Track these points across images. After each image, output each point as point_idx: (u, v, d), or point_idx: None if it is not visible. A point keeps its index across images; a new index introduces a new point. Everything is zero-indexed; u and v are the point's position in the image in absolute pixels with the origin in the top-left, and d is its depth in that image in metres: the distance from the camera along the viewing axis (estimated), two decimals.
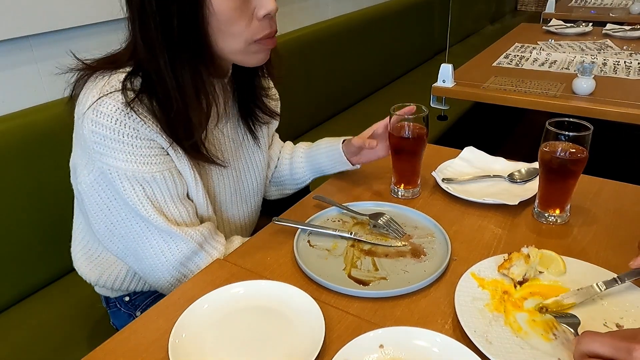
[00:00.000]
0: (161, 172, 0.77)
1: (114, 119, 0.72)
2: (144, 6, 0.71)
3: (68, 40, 1.33)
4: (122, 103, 0.72)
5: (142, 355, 0.64)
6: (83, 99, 0.75)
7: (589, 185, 0.99)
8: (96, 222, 0.80)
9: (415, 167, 0.98)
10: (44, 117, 1.21)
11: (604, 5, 3.33)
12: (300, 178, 1.09)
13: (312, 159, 1.06)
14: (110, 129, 0.72)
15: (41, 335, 1.11)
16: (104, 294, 1.00)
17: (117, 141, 0.73)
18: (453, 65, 1.76)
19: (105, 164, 0.74)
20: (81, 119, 0.74)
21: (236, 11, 0.72)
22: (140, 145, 0.75)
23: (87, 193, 0.78)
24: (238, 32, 0.74)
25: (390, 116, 0.94)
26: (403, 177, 0.99)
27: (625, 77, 1.75)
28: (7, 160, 1.14)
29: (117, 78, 0.74)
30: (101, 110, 0.72)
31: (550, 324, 0.66)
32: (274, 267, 0.80)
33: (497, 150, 1.14)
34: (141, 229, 0.79)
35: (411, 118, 0.93)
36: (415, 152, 0.96)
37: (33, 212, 1.19)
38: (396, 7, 2.83)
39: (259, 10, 0.74)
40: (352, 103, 2.47)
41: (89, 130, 0.73)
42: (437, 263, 0.79)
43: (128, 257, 0.84)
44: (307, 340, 0.64)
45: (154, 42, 0.72)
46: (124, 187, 0.75)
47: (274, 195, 1.14)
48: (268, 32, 0.77)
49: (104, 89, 0.73)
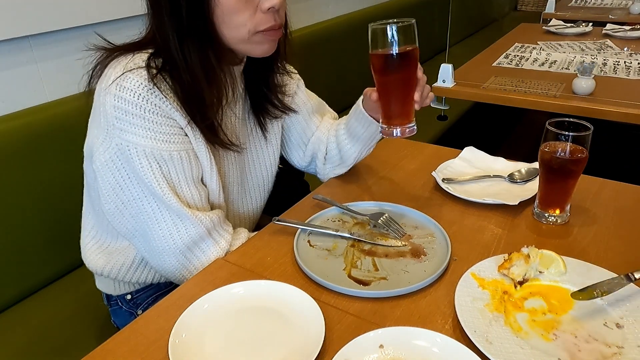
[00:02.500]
0: (179, 151, 0.79)
1: (136, 94, 0.74)
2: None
3: (68, 40, 1.32)
4: (145, 79, 0.75)
5: (142, 355, 0.65)
6: (106, 76, 0.77)
7: (589, 185, 0.99)
8: (107, 201, 0.81)
9: (409, 94, 0.81)
10: (44, 117, 1.21)
11: (604, 5, 3.33)
12: (351, 155, 1.03)
13: (353, 134, 1.01)
14: (132, 104, 0.74)
15: (41, 335, 1.11)
16: (105, 290, 1.00)
17: (138, 117, 0.75)
18: (453, 65, 1.76)
19: (125, 140, 0.76)
20: (103, 95, 0.76)
21: (240, 2, 0.75)
22: (160, 123, 0.77)
23: (101, 171, 0.79)
24: (241, 22, 0.77)
25: (370, 33, 0.78)
26: (394, 110, 0.82)
27: (625, 77, 1.75)
28: (7, 160, 1.14)
29: (141, 57, 0.78)
30: (125, 85, 0.74)
31: (551, 324, 0.66)
32: (274, 267, 0.80)
33: (497, 150, 1.14)
34: (152, 209, 0.80)
35: (396, 28, 0.76)
36: (407, 74, 0.80)
37: (33, 212, 1.19)
38: (396, 7, 2.83)
39: (263, 3, 0.77)
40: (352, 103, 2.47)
41: (111, 105, 0.75)
42: (437, 263, 0.79)
43: (136, 237, 0.84)
44: (307, 340, 0.64)
45: (165, 24, 0.76)
46: (141, 164, 0.77)
47: (331, 174, 1.08)
48: (272, 24, 0.79)
49: (127, 66, 0.76)
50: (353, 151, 1.02)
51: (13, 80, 1.24)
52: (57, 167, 1.22)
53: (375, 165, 1.07)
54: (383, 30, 0.77)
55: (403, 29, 0.76)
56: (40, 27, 1.25)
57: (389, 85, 0.82)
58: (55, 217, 1.23)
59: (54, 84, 1.32)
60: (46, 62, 1.29)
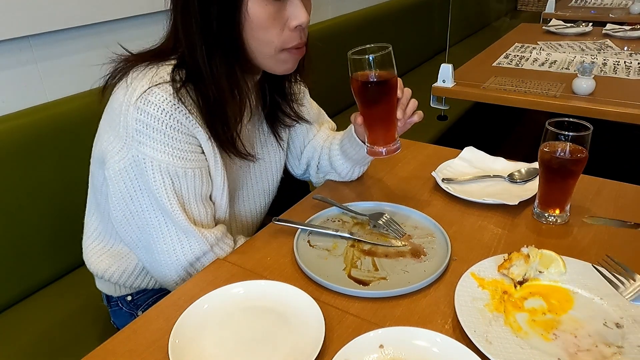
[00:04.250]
0: (193, 169, 0.80)
1: (160, 108, 0.75)
2: (187, 6, 0.75)
3: (68, 40, 1.33)
4: (170, 94, 0.75)
5: (142, 355, 0.65)
6: (130, 88, 0.77)
7: (589, 185, 0.99)
8: (115, 209, 0.82)
9: (390, 117, 0.84)
10: (44, 117, 1.21)
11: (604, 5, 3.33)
12: (343, 169, 1.04)
13: (345, 154, 1.01)
14: (155, 119, 0.75)
15: (41, 335, 1.11)
16: (106, 291, 1.00)
17: (159, 131, 0.76)
18: (453, 65, 1.76)
19: (142, 152, 0.76)
20: (126, 106, 0.76)
21: (269, 20, 0.76)
22: (180, 140, 0.77)
23: (113, 179, 0.79)
24: (269, 39, 0.77)
25: (349, 61, 0.80)
26: (377, 132, 0.85)
27: (625, 77, 1.75)
28: (7, 160, 1.14)
29: (165, 70, 0.77)
30: (150, 99, 0.75)
31: (550, 324, 0.66)
32: (274, 267, 0.80)
33: (497, 150, 1.14)
34: (159, 222, 0.80)
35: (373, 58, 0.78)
36: (386, 101, 0.82)
37: (33, 212, 1.19)
38: (396, 7, 2.83)
39: (291, 21, 0.77)
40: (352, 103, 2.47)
41: (133, 118, 0.75)
42: (437, 263, 0.79)
43: (139, 248, 0.85)
44: (307, 340, 0.64)
45: (194, 39, 0.76)
46: (154, 178, 0.77)
47: (322, 180, 1.10)
48: (298, 42, 0.80)
49: (153, 80, 0.76)
50: (346, 166, 1.03)
51: (13, 80, 1.24)
52: (57, 167, 1.22)
53: (375, 165, 1.07)
54: (361, 60, 0.79)
55: (380, 57, 0.78)
56: (40, 27, 1.25)
57: (369, 109, 0.85)
58: (55, 217, 1.23)
59: (54, 84, 1.32)
60: (46, 62, 1.30)
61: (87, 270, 0.97)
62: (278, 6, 0.76)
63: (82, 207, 0.97)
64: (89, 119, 1.27)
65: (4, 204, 1.14)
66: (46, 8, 1.24)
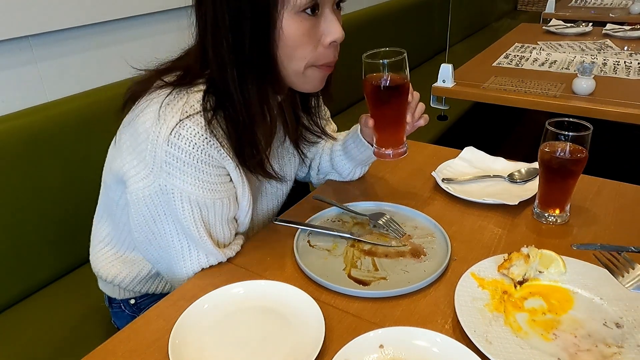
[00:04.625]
0: (221, 199, 0.79)
1: (192, 143, 0.72)
2: (217, 22, 0.72)
3: (68, 40, 1.32)
4: (202, 127, 0.73)
5: (142, 355, 0.65)
6: (161, 118, 0.73)
7: (589, 185, 0.99)
8: (137, 230, 0.81)
9: (400, 121, 0.86)
10: (44, 117, 1.21)
11: (604, 5, 3.33)
12: (348, 173, 1.05)
13: (348, 154, 1.02)
14: (187, 153, 0.73)
15: (41, 335, 1.11)
16: (109, 293, 0.99)
17: (189, 165, 0.74)
18: (453, 65, 1.76)
19: (170, 183, 0.74)
20: (155, 136, 0.73)
21: (304, 36, 0.74)
22: (210, 173, 0.76)
23: (135, 203, 0.77)
24: (302, 55, 0.76)
25: (363, 64, 0.81)
26: (387, 136, 0.88)
27: (625, 77, 1.75)
28: (7, 160, 1.13)
29: (196, 97, 0.74)
30: (182, 133, 0.72)
31: (550, 324, 0.66)
32: (274, 267, 0.80)
33: (497, 150, 1.14)
34: (182, 245, 0.80)
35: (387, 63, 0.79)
36: (397, 105, 0.84)
37: (33, 212, 1.19)
38: (396, 7, 2.82)
39: (326, 37, 0.76)
40: (352, 102, 2.47)
41: (164, 150, 0.73)
42: (437, 263, 0.79)
43: (160, 264, 0.85)
44: (307, 340, 0.64)
45: (224, 57, 0.73)
46: (183, 207, 0.76)
47: (322, 181, 1.10)
48: (330, 60, 0.79)
49: (184, 109, 0.73)
50: (348, 167, 1.03)
51: (13, 80, 1.24)
52: (57, 167, 1.22)
53: (375, 165, 1.07)
54: (375, 64, 0.79)
55: (395, 62, 0.79)
56: (40, 27, 1.25)
57: (380, 112, 0.86)
58: (55, 216, 1.23)
59: (54, 84, 1.32)
60: (46, 62, 1.30)
61: (88, 270, 0.97)
62: (313, 22, 0.74)
63: (83, 206, 0.97)
64: (89, 119, 1.28)
65: (3, 204, 1.14)
66: (46, 8, 1.24)
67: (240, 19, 0.71)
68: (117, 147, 0.81)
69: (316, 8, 0.73)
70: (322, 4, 0.74)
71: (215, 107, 0.75)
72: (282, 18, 0.71)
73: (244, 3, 0.70)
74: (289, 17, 0.72)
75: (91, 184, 0.95)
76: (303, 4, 0.71)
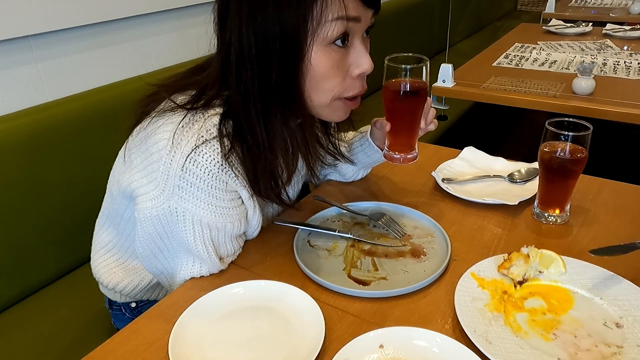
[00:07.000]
0: (232, 222, 0.77)
1: (207, 169, 0.71)
2: (243, 52, 0.69)
3: (68, 40, 1.32)
4: (218, 154, 0.71)
5: (142, 355, 0.65)
6: (175, 142, 0.71)
7: (589, 185, 0.99)
8: (141, 246, 0.79)
9: (415, 126, 0.86)
10: (44, 117, 1.21)
11: (604, 5, 3.33)
12: (351, 175, 1.05)
13: (354, 158, 1.02)
14: (201, 179, 0.71)
15: (41, 335, 1.11)
16: (110, 296, 0.99)
17: (202, 190, 0.72)
18: (453, 65, 1.76)
19: (182, 206, 0.73)
20: (169, 159, 0.71)
21: (333, 68, 0.71)
22: (223, 198, 0.74)
23: (142, 221, 0.76)
24: (330, 87, 0.73)
25: (385, 68, 0.81)
26: (401, 140, 0.88)
27: (625, 77, 1.75)
28: (7, 160, 1.13)
29: (212, 121, 0.72)
30: (197, 160, 0.70)
31: (550, 324, 0.66)
32: (274, 267, 0.80)
33: (497, 150, 1.14)
34: (187, 261, 0.79)
35: (409, 68, 0.79)
36: (415, 110, 0.84)
37: (33, 212, 1.19)
38: (396, 7, 2.82)
39: (354, 69, 0.74)
40: None
41: (177, 175, 0.71)
42: (437, 263, 0.79)
43: (163, 276, 0.84)
44: (307, 340, 0.64)
45: (248, 88, 0.71)
46: (193, 229, 0.75)
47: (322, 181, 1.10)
48: (358, 91, 0.76)
49: (200, 134, 0.70)
50: (351, 169, 1.03)
51: (13, 80, 1.24)
52: (57, 167, 1.22)
53: (375, 166, 1.07)
54: (397, 69, 0.79)
55: (417, 69, 0.79)
56: (40, 27, 1.25)
57: (397, 117, 0.85)
58: (55, 216, 1.23)
59: (54, 84, 1.32)
60: (46, 62, 1.29)
61: (88, 270, 0.96)
62: (342, 53, 0.71)
63: (83, 206, 0.97)
64: (89, 119, 1.28)
65: (3, 204, 1.14)
66: (46, 8, 1.24)
67: (268, 51, 0.68)
68: (127, 163, 0.78)
69: (346, 39, 0.71)
70: (353, 33, 0.71)
71: (234, 135, 0.72)
72: (312, 50, 0.69)
73: (272, 35, 0.67)
74: (319, 50, 0.69)
75: (91, 183, 0.95)
76: (334, 36, 0.68)
